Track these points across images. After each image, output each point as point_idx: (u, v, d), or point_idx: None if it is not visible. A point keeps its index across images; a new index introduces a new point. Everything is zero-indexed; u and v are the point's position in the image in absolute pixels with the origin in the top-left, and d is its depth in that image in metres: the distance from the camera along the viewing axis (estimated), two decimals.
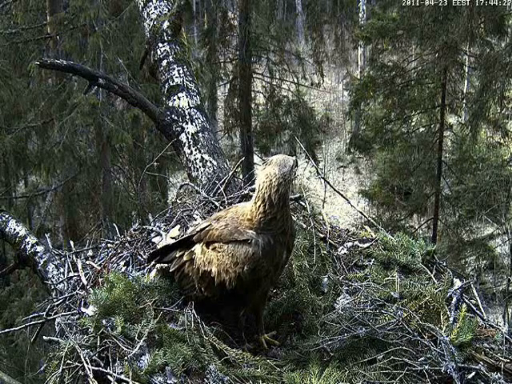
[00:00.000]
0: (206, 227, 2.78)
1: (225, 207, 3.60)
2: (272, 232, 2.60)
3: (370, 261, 3.26)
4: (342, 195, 4.35)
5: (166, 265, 3.02)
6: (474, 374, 2.51)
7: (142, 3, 4.98)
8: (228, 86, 15.28)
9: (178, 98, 4.55)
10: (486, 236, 13.25)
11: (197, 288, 2.79)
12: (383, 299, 2.83)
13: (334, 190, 4.24)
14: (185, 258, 2.85)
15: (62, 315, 3.16)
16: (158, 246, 3.35)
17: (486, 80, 10.60)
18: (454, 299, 2.86)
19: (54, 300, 3.45)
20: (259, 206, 2.59)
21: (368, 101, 13.05)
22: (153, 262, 3.13)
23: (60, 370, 2.57)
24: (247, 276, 2.60)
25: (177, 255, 2.92)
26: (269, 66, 14.81)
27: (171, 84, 4.62)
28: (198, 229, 2.85)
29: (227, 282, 2.64)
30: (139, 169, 11.11)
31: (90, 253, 3.84)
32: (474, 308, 2.98)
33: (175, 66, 4.67)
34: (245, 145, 14.19)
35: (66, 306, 3.26)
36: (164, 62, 4.69)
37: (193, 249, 2.83)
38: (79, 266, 3.58)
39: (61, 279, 3.85)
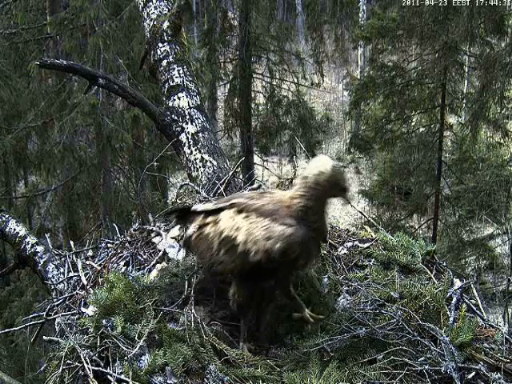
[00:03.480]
0: (240, 202, 2.73)
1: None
2: (307, 225, 2.60)
3: (370, 261, 3.26)
4: None
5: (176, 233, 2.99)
6: (473, 373, 2.51)
7: (141, 3, 4.98)
8: (228, 86, 15.29)
9: (178, 98, 4.55)
10: (486, 236, 13.25)
11: (214, 252, 2.72)
12: (383, 299, 2.83)
13: None
14: (209, 220, 2.80)
15: (62, 315, 3.16)
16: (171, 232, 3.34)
17: (486, 80, 10.60)
18: (454, 299, 2.86)
19: (54, 300, 3.45)
20: (301, 196, 2.60)
21: (368, 101, 13.04)
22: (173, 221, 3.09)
23: (60, 370, 2.57)
24: (276, 254, 2.55)
25: (199, 217, 2.88)
26: (269, 66, 14.81)
27: (171, 84, 4.62)
28: (228, 203, 2.79)
29: (252, 253, 2.58)
30: (139, 169, 11.10)
31: (90, 253, 3.84)
32: (474, 308, 2.98)
33: (175, 66, 4.67)
34: (245, 145, 14.20)
35: (66, 306, 3.26)
36: (164, 62, 4.69)
37: (219, 214, 2.78)
38: (79, 266, 3.57)
39: (61, 279, 3.85)
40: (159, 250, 3.40)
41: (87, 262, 3.63)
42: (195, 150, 4.36)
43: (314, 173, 2.59)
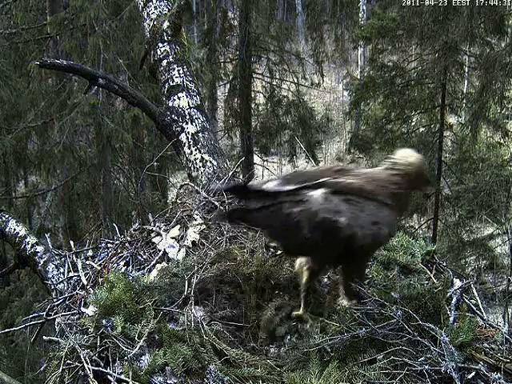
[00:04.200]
0: (333, 182, 2.61)
1: (225, 207, 3.60)
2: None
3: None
4: None
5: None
6: (473, 373, 2.51)
7: (141, 3, 4.98)
8: (228, 86, 15.30)
9: (178, 98, 4.55)
10: (486, 236, 13.25)
11: (302, 233, 2.57)
12: (383, 299, 2.83)
13: None
14: (289, 198, 2.60)
15: (62, 315, 3.17)
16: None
17: (486, 80, 10.59)
18: (454, 299, 2.86)
19: (54, 300, 3.45)
20: (395, 183, 2.64)
21: (368, 101, 13.03)
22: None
23: (60, 370, 2.57)
24: (383, 239, 2.62)
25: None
26: (269, 66, 14.81)
27: (171, 84, 4.62)
28: (311, 183, 2.62)
29: (359, 238, 2.54)
30: (139, 169, 11.10)
31: (90, 253, 3.84)
32: (474, 308, 2.98)
33: (175, 66, 4.67)
34: (245, 145, 14.21)
35: (66, 306, 3.27)
36: (164, 62, 4.69)
37: (304, 192, 2.60)
38: (79, 265, 3.58)
39: (61, 279, 3.85)
40: (159, 250, 3.40)
41: (87, 262, 3.63)
42: (195, 149, 4.36)
43: (404, 163, 2.67)
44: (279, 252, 3.24)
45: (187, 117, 4.48)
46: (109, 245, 3.76)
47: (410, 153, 2.73)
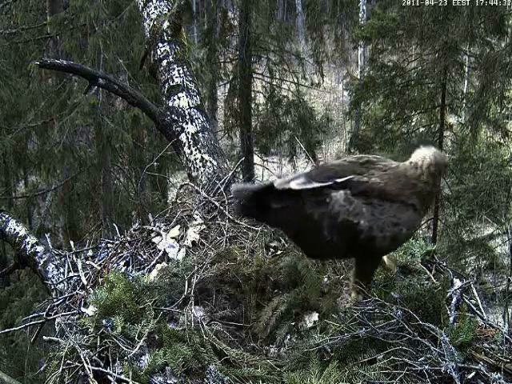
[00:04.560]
0: (355, 182, 2.59)
1: (225, 207, 3.60)
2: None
3: None
4: None
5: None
6: (473, 373, 2.51)
7: (141, 3, 4.98)
8: (228, 86, 15.29)
9: (178, 98, 4.55)
10: (486, 236, 13.24)
11: (322, 235, 2.57)
12: (383, 299, 2.82)
13: None
14: (311, 199, 2.57)
15: (62, 315, 3.17)
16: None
17: (486, 80, 10.59)
18: (454, 299, 2.86)
19: (54, 300, 3.45)
20: (425, 183, 2.66)
21: (368, 101, 13.02)
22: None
23: (60, 370, 2.58)
24: (403, 239, 2.63)
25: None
26: (269, 66, 14.81)
27: (171, 84, 4.62)
28: (334, 181, 2.59)
29: (378, 240, 2.55)
30: (139, 169, 11.09)
31: (90, 253, 3.84)
32: (474, 308, 2.98)
33: (175, 66, 4.67)
34: (245, 145, 14.21)
35: (66, 306, 3.27)
36: (164, 62, 4.69)
37: (327, 193, 2.58)
38: (79, 265, 3.58)
39: (61, 279, 3.85)
40: (159, 250, 3.40)
41: (87, 262, 3.63)
42: (195, 149, 4.36)
43: (425, 165, 2.68)
44: (279, 252, 3.24)
45: (187, 117, 4.48)
46: (109, 245, 3.76)
47: (426, 152, 2.73)
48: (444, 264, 3.30)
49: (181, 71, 4.65)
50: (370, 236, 2.55)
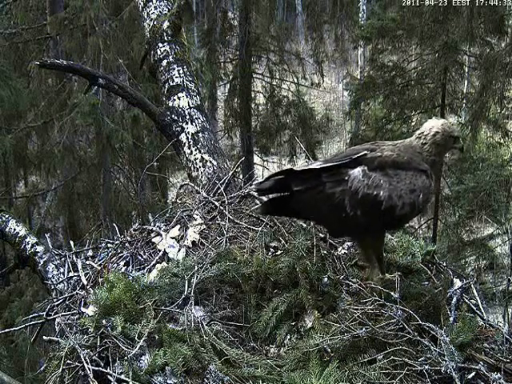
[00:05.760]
0: (368, 158, 2.75)
1: (225, 207, 3.60)
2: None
3: None
4: None
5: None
6: (473, 373, 2.51)
7: (142, 3, 4.98)
8: (228, 86, 15.30)
9: (178, 98, 4.55)
10: (486, 236, 13.23)
11: (347, 213, 2.70)
12: (383, 299, 2.82)
13: None
14: (331, 179, 2.73)
15: (62, 315, 3.17)
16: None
17: (486, 80, 10.58)
18: (454, 299, 2.86)
19: (54, 300, 3.45)
20: (429, 152, 2.80)
21: (368, 101, 13.04)
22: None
23: (60, 370, 2.58)
24: (421, 205, 2.71)
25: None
26: (269, 66, 14.81)
27: (171, 84, 4.62)
28: (347, 160, 2.75)
29: (398, 208, 2.68)
30: (139, 169, 11.10)
31: (90, 253, 3.84)
32: (474, 308, 2.98)
33: (175, 66, 4.67)
34: (245, 145, 14.20)
35: (66, 306, 3.27)
36: (164, 62, 4.69)
37: (344, 172, 2.73)
38: (79, 265, 3.58)
39: (61, 279, 3.86)
40: (159, 250, 3.40)
41: (87, 262, 3.63)
42: (195, 149, 4.36)
43: (431, 134, 2.80)
44: (279, 252, 3.24)
45: (187, 117, 4.48)
46: (109, 245, 3.76)
47: (434, 122, 2.86)
48: (444, 264, 3.30)
49: (181, 71, 4.66)
50: (391, 205, 2.68)
